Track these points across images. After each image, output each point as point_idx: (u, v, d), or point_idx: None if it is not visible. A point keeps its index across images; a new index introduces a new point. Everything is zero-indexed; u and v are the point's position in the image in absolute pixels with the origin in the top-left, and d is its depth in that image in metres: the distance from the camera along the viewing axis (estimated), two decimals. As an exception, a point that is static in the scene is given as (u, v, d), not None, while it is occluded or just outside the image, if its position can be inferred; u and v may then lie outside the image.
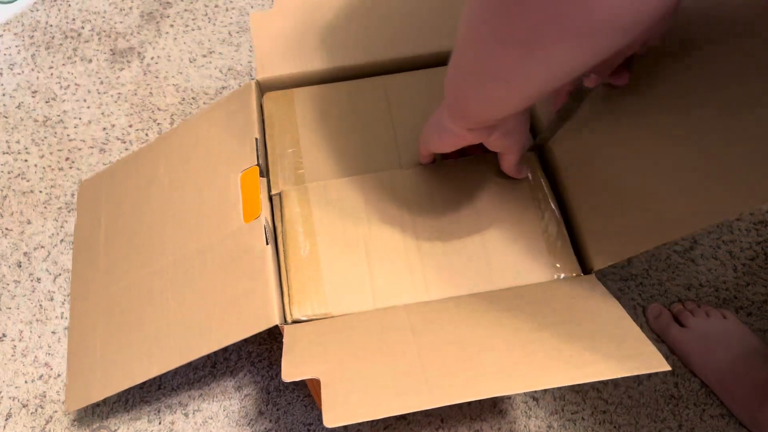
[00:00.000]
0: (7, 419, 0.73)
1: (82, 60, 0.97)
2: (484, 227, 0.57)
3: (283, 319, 0.53)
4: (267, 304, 0.52)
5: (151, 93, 0.94)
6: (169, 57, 0.97)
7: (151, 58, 0.97)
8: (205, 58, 0.97)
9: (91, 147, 0.89)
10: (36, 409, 0.73)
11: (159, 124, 0.91)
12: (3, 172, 0.88)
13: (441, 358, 0.47)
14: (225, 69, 0.96)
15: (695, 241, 0.82)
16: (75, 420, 0.72)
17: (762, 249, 0.82)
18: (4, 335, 0.77)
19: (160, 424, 0.72)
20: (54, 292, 0.79)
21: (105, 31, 0.99)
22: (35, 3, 1.01)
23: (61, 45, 0.98)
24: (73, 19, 1.00)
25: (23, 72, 0.95)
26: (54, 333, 0.77)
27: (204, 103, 0.93)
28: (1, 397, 0.74)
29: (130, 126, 0.91)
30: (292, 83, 0.66)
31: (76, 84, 0.94)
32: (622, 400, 0.74)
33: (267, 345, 0.77)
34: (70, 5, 1.01)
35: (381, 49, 0.66)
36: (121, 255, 0.68)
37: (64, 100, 0.93)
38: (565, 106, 0.54)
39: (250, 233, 0.56)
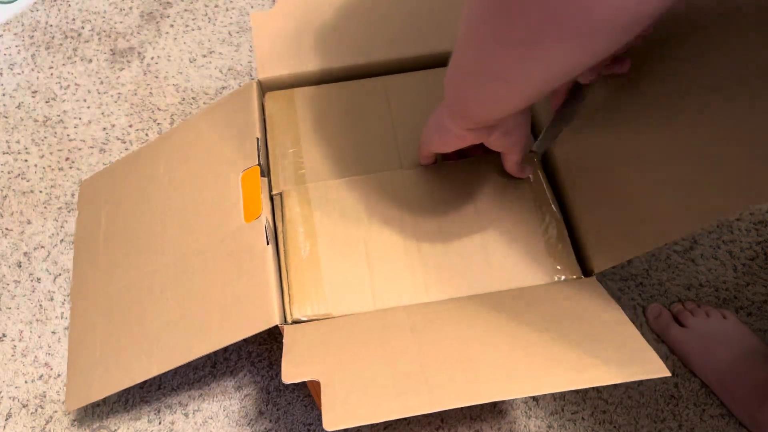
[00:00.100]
0: (7, 419, 0.73)
1: (82, 60, 0.97)
2: (484, 228, 0.57)
3: (283, 320, 0.53)
4: (267, 304, 0.52)
5: (151, 93, 0.94)
6: (169, 57, 0.97)
7: (151, 58, 0.97)
8: (205, 58, 0.97)
9: (91, 147, 0.89)
10: (36, 409, 0.73)
11: (159, 124, 0.91)
12: (3, 172, 0.88)
13: (441, 359, 0.47)
14: (225, 69, 0.96)
15: (695, 241, 0.82)
16: (75, 420, 0.72)
17: (762, 249, 0.82)
18: (4, 335, 0.77)
19: (160, 424, 0.72)
20: (54, 292, 0.79)
21: (105, 31, 0.99)
22: (35, 3, 1.01)
23: (61, 45, 0.98)
24: (73, 19, 1.00)
25: (23, 72, 0.95)
26: (54, 333, 0.77)
27: (204, 103, 0.93)
28: (1, 397, 0.74)
29: (130, 126, 0.91)
30: (292, 83, 0.66)
31: (76, 84, 0.94)
32: (622, 400, 0.74)
33: (267, 345, 0.77)
34: (70, 5, 1.01)
35: (381, 49, 0.66)
36: (121, 254, 0.68)
37: (64, 100, 0.93)
38: (564, 105, 0.54)
39: (250, 233, 0.56)
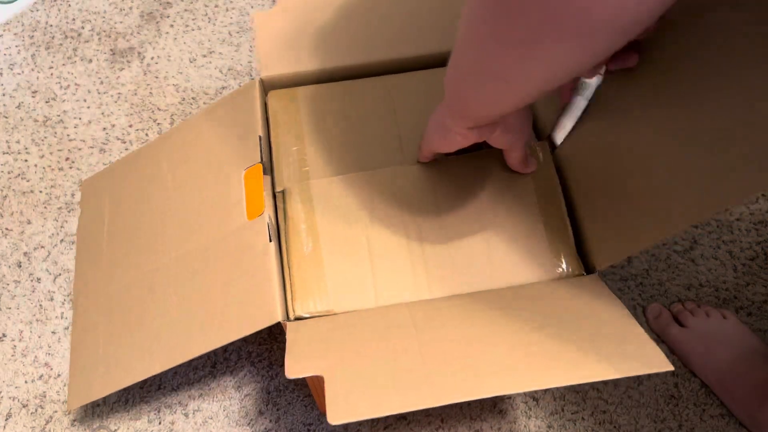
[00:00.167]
0: (7, 419, 0.72)
1: (82, 60, 0.97)
2: (486, 225, 0.57)
3: (286, 316, 0.53)
4: (270, 301, 0.52)
5: (151, 93, 0.94)
6: (169, 57, 0.97)
7: (151, 58, 0.97)
8: (205, 58, 0.97)
9: (91, 147, 0.89)
10: (36, 409, 0.73)
11: (159, 124, 0.91)
12: (3, 172, 0.87)
13: (442, 355, 0.47)
14: (225, 69, 0.96)
15: (695, 241, 0.83)
16: (75, 420, 0.72)
17: (762, 249, 0.82)
18: (4, 335, 0.77)
19: (160, 424, 0.72)
20: (54, 292, 0.79)
21: (105, 31, 0.99)
22: (35, 3, 1.01)
23: (61, 45, 0.98)
24: (73, 19, 1.00)
25: (23, 72, 0.95)
26: (54, 333, 0.77)
27: (204, 103, 0.93)
28: (1, 397, 0.74)
29: (130, 126, 0.91)
30: (294, 82, 0.66)
31: (76, 84, 0.94)
32: (622, 400, 0.74)
33: (267, 345, 0.76)
34: (70, 5, 1.01)
35: (381, 49, 0.66)
36: (123, 252, 0.68)
37: (64, 100, 0.93)
38: (571, 103, 0.54)
39: (252, 230, 0.56)
